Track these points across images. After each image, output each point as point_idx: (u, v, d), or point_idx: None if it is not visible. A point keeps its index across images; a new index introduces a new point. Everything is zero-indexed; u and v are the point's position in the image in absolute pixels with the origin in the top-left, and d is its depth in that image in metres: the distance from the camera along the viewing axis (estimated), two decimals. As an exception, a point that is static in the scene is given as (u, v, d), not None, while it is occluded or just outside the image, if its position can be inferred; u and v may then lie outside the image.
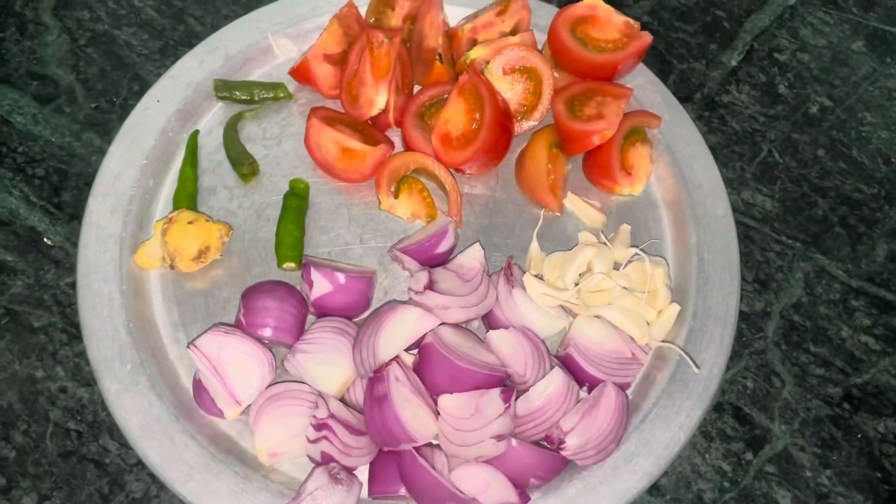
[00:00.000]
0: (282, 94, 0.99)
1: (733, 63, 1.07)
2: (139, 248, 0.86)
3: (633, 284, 0.87)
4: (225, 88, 0.98)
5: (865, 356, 0.89)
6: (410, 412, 0.76)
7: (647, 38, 0.95)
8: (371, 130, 0.96)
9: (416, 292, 0.83)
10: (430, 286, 0.83)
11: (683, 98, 1.02)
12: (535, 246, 0.91)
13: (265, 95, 0.99)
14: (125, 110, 0.99)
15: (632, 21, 0.96)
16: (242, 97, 0.98)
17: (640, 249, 0.89)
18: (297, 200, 0.92)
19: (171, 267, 0.85)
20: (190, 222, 0.85)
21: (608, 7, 0.96)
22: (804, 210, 0.97)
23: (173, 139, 0.96)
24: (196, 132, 0.96)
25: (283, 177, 0.96)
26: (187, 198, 0.91)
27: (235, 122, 0.97)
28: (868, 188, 0.99)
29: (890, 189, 0.99)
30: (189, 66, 0.99)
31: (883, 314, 0.91)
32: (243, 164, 0.94)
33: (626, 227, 0.93)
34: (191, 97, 0.97)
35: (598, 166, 0.95)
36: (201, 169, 0.95)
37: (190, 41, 1.05)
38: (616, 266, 0.89)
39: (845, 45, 1.09)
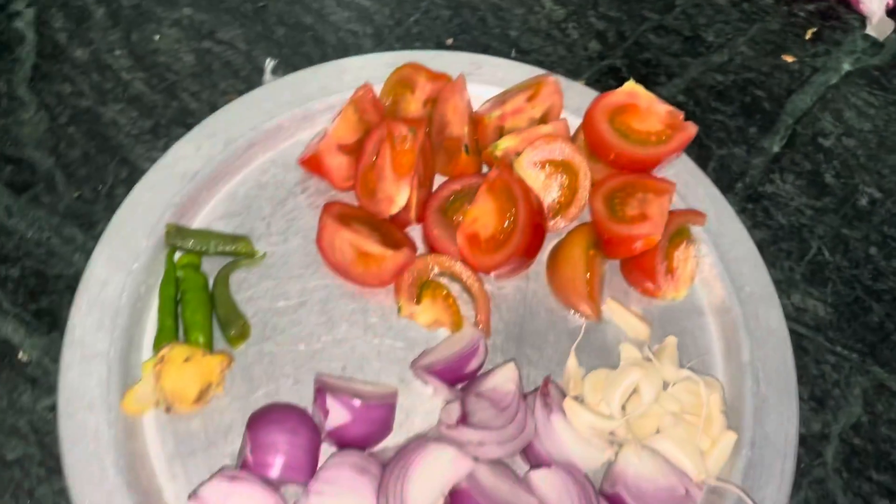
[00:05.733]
0: (243, 250, 0.85)
1: (776, 149, 1.00)
2: (126, 395, 0.75)
3: (685, 408, 0.79)
4: (177, 236, 0.84)
5: (932, 483, 0.82)
6: (445, 574, 0.66)
7: (693, 129, 0.87)
8: (390, 228, 0.86)
9: (448, 426, 0.74)
10: (464, 419, 0.74)
11: (724, 188, 0.94)
12: (573, 362, 0.82)
13: (222, 249, 0.85)
14: (112, 200, 0.89)
15: (675, 110, 0.88)
16: (197, 248, 0.84)
17: (690, 367, 0.81)
18: (192, 279, 0.82)
19: (167, 410, 0.74)
20: (186, 359, 0.74)
21: (649, 94, 0.88)
22: (859, 316, 0.90)
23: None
24: (173, 249, 0.85)
25: (291, 279, 0.86)
26: (169, 326, 0.80)
27: (228, 273, 0.84)
28: (926, 291, 0.92)
29: (947, 291, 0.92)
30: (184, 153, 0.89)
31: (948, 435, 0.84)
32: (232, 327, 0.80)
33: (672, 341, 0.84)
34: (188, 188, 0.87)
35: (640, 269, 0.87)
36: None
37: (185, 120, 0.95)
38: (664, 386, 0.80)
39: (892, 129, 1.02)
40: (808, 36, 1.09)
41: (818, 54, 1.07)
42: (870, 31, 1.08)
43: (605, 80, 1.02)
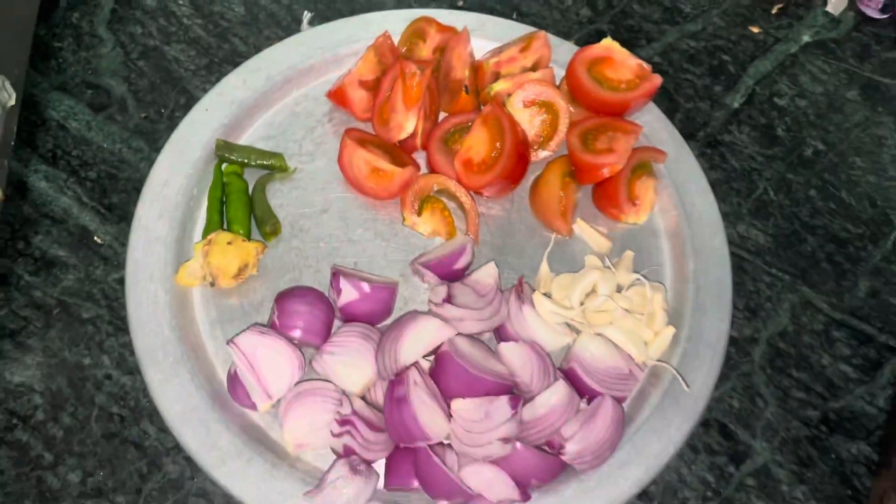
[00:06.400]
0: (278, 164, 1.03)
1: (735, 105, 1.16)
2: (180, 269, 0.93)
3: (634, 307, 0.95)
4: (225, 149, 1.02)
5: (843, 384, 0.97)
6: (426, 413, 0.83)
7: (658, 79, 1.03)
8: (399, 152, 1.04)
9: (436, 304, 0.91)
10: (449, 299, 0.91)
11: (688, 135, 1.10)
12: (544, 267, 0.99)
13: (260, 162, 1.03)
14: (172, 121, 1.07)
15: (644, 63, 1.04)
16: (239, 160, 1.02)
17: (642, 275, 0.97)
18: (236, 184, 1.00)
19: (212, 285, 0.93)
20: (229, 243, 0.92)
21: (623, 50, 1.05)
22: (794, 245, 1.05)
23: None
24: (221, 160, 1.03)
25: (316, 190, 1.04)
26: (216, 220, 0.99)
27: (265, 183, 1.02)
28: (854, 228, 1.07)
29: (874, 230, 1.07)
30: (233, 83, 1.07)
31: (861, 346, 0.99)
32: (266, 224, 0.98)
33: (629, 254, 1.01)
34: (235, 113, 1.05)
35: (607, 196, 1.03)
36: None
37: (234, 60, 1.13)
38: (619, 289, 0.97)
39: (841, 94, 1.17)
40: (774, 11, 1.24)
41: (782, 27, 1.23)
42: (829, 8, 1.23)
43: (592, 42, 1.18)
